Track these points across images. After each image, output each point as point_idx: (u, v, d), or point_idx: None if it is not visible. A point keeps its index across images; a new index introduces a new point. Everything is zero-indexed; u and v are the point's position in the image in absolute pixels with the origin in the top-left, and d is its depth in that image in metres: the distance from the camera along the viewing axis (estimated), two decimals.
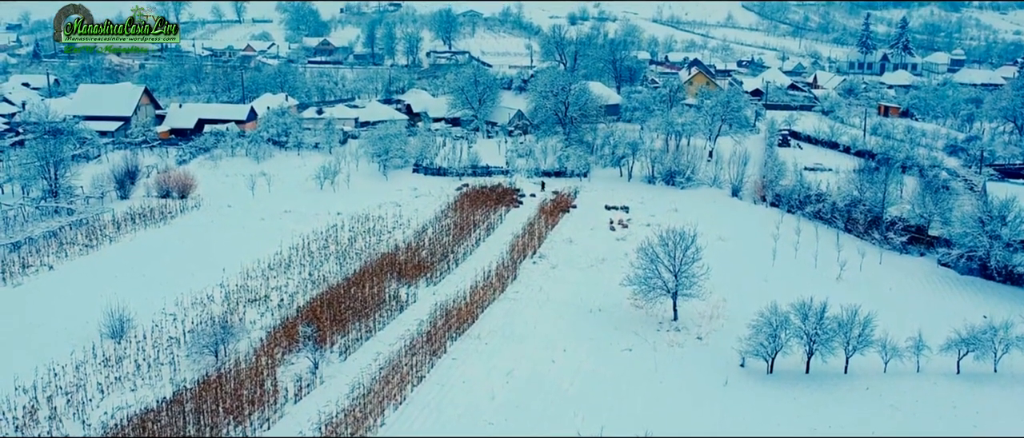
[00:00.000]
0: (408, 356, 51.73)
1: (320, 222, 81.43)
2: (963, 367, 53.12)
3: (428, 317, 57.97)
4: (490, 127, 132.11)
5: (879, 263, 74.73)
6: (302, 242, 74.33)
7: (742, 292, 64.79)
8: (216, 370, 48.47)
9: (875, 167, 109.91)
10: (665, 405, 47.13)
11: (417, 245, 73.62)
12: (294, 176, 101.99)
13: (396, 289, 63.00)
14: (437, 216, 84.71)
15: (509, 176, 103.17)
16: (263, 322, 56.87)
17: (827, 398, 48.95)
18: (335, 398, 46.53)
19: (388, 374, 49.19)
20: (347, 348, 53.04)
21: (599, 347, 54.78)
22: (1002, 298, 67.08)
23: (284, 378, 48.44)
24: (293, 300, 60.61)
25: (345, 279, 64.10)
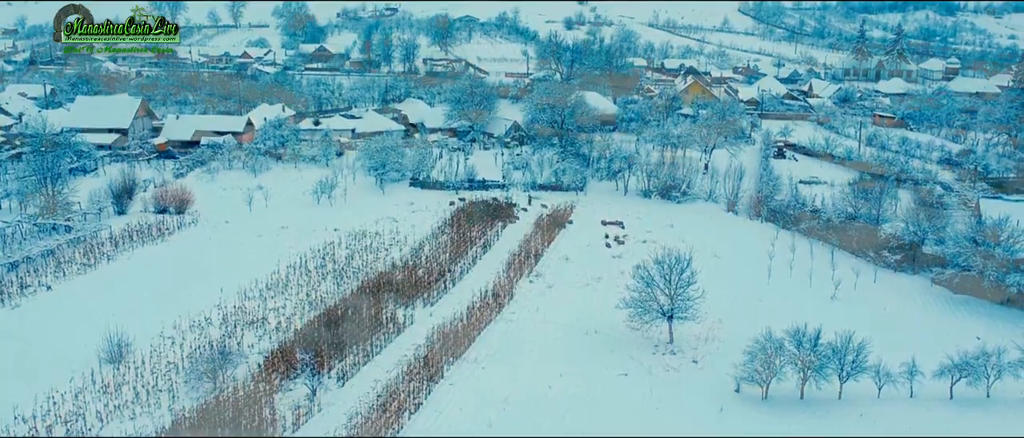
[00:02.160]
0: (405, 382, 52.06)
1: (317, 239, 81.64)
2: (956, 392, 53.60)
3: (425, 341, 58.28)
4: (487, 138, 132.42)
5: (874, 282, 75.21)
6: (299, 260, 74.58)
7: (737, 313, 65.20)
8: (214, 397, 48.74)
9: (870, 180, 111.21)
10: (661, 434, 47.48)
11: (414, 263, 73.92)
12: (291, 190, 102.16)
13: (393, 311, 63.29)
14: (434, 232, 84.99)
15: (506, 190, 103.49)
16: (261, 346, 57.17)
17: (821, 425, 49.42)
18: (333, 427, 46.85)
19: (386, 402, 49.51)
20: (345, 373, 53.37)
21: (595, 372, 55.15)
22: (995, 319, 67.58)
23: (282, 406, 48.76)
24: (291, 323, 60.89)
25: (342, 300, 64.39)
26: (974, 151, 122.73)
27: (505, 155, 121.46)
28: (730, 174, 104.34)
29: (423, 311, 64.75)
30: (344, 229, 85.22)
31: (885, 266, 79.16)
